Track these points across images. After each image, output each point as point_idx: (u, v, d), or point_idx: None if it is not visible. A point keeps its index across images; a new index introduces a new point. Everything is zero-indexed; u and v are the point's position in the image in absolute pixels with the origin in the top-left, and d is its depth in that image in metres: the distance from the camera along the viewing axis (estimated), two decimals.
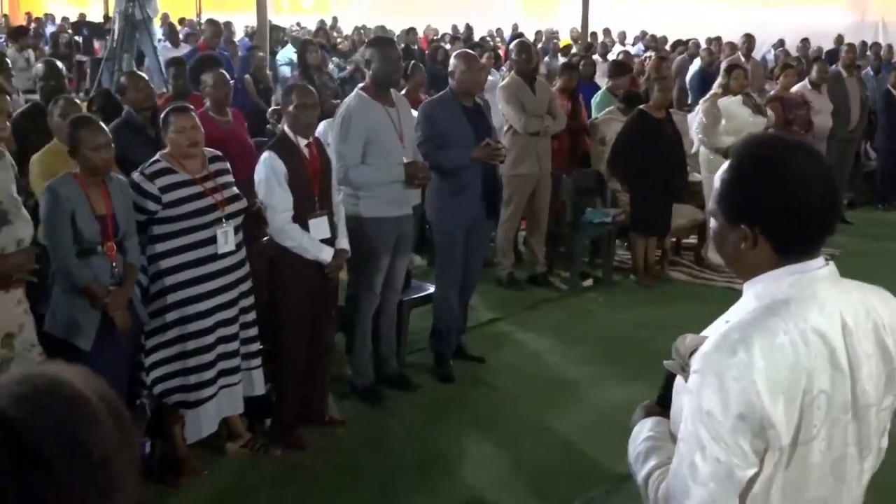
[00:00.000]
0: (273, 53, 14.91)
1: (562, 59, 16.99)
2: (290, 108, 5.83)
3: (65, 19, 22.76)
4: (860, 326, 2.23)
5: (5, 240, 4.52)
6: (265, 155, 5.79)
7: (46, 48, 14.79)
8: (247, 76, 12.28)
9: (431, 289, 7.38)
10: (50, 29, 19.97)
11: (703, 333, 2.30)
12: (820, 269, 2.24)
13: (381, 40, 6.84)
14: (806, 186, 2.20)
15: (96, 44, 17.83)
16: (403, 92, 8.05)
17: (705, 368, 2.15)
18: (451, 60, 7.35)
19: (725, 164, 2.33)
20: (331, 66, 14.52)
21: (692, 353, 2.24)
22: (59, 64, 7.48)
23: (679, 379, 2.32)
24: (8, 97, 4.75)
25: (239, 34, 20.44)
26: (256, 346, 5.80)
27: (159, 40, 14.15)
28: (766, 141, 2.40)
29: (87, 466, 1.23)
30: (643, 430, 2.48)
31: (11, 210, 4.58)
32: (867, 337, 2.24)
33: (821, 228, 2.25)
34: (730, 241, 2.29)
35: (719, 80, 10.56)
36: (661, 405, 2.52)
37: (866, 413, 2.24)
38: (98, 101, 7.29)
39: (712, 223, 2.36)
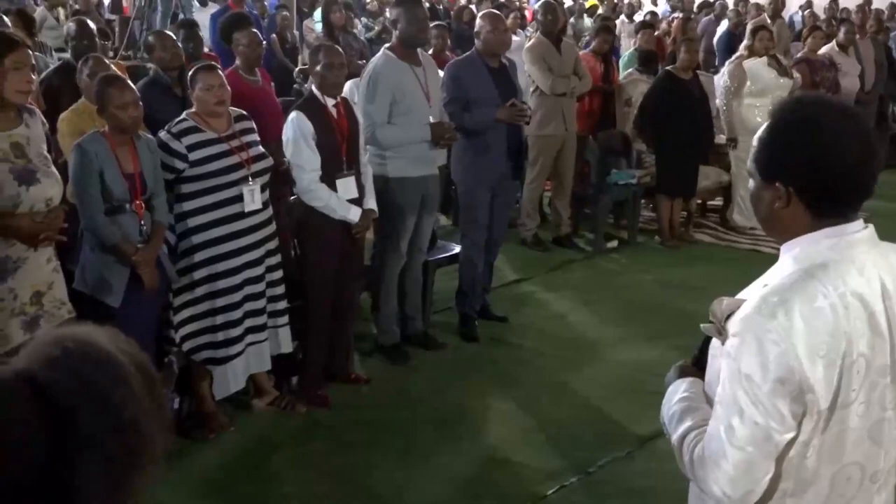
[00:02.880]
0: (302, 13, 14.86)
1: (588, 20, 16.92)
2: (318, 67, 5.84)
3: None
4: None
5: (34, 198, 4.55)
6: (293, 115, 5.81)
7: (76, 6, 14.76)
8: (272, 36, 12.27)
9: (457, 249, 7.41)
10: None
11: (740, 296, 2.29)
12: (858, 233, 2.23)
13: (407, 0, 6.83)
14: (841, 147, 2.18)
15: (125, 2, 17.82)
16: (429, 52, 8.04)
17: (745, 331, 2.15)
18: (477, 21, 7.35)
19: (765, 124, 2.32)
20: (359, 26, 14.48)
21: (728, 316, 2.23)
22: (91, 23, 7.48)
23: (715, 342, 2.32)
24: (30, 51, 4.75)
25: None
26: (283, 304, 5.85)
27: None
28: (805, 101, 2.39)
29: (118, 429, 1.23)
30: (678, 390, 2.46)
31: (41, 168, 4.61)
32: None
33: (856, 191, 2.23)
34: (765, 200, 2.28)
35: (745, 41, 10.50)
36: (697, 366, 2.51)
37: None
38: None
39: (750, 183, 2.35)
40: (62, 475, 1.17)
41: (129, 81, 5.27)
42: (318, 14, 13.80)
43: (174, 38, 6.98)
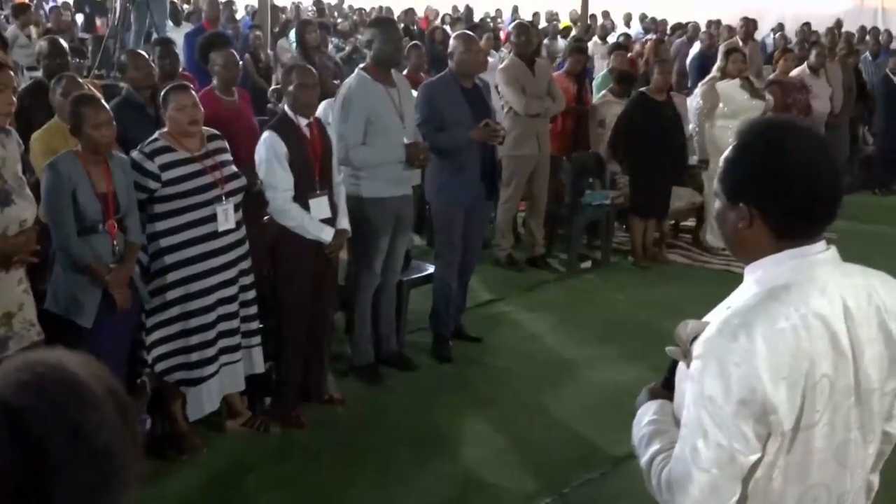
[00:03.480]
0: (276, 33, 14.84)
1: (561, 42, 16.98)
2: (291, 87, 5.84)
3: None
4: (862, 310, 2.23)
5: (8, 220, 4.52)
6: (266, 135, 5.80)
7: (48, 24, 14.71)
8: (246, 55, 12.25)
9: (431, 269, 7.40)
10: (50, 5, 19.83)
11: (705, 319, 2.30)
12: (821, 254, 2.24)
13: (382, 20, 6.86)
14: (806, 171, 2.19)
15: (98, 21, 17.77)
16: (404, 73, 8.05)
17: (707, 354, 2.16)
18: (451, 42, 7.36)
19: (732, 145, 2.33)
20: (330, 46, 14.47)
21: (694, 339, 2.24)
22: (63, 42, 7.46)
23: (682, 365, 2.33)
24: (11, 73, 4.74)
25: (241, 13, 20.38)
26: (256, 325, 5.82)
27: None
28: (772, 123, 2.41)
29: (89, 455, 1.22)
30: (647, 412, 2.47)
31: (15, 190, 4.58)
32: (869, 321, 2.24)
33: (819, 214, 2.24)
34: (729, 221, 2.29)
35: (718, 63, 10.58)
36: (667, 388, 2.52)
37: (869, 397, 2.24)
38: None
39: (715, 203, 2.36)
40: (35, 502, 1.16)
41: (103, 101, 5.25)
42: (293, 34, 13.79)
43: (147, 57, 6.96)
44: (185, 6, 18.93)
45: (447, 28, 17.13)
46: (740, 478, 2.17)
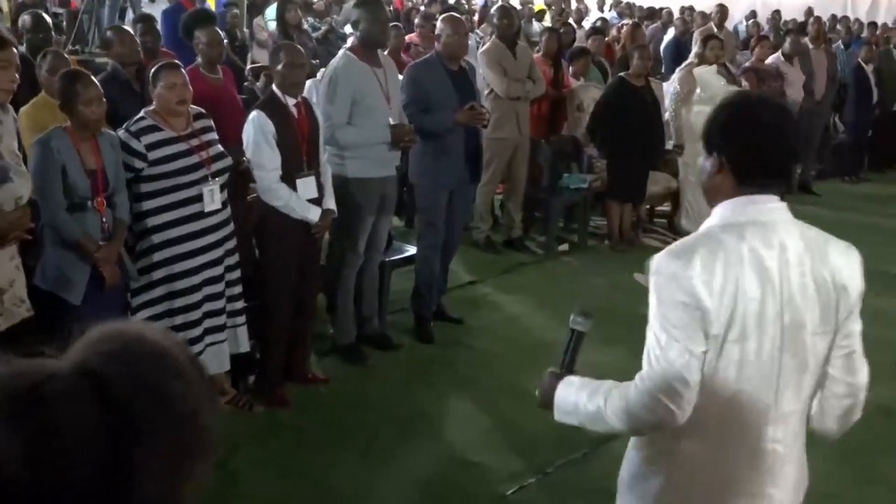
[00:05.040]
0: (253, 11, 14.73)
1: (536, 25, 17.00)
2: (279, 66, 5.82)
3: None
4: (799, 256, 2.60)
5: (4, 197, 4.51)
6: (253, 114, 5.79)
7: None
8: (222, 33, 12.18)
9: (413, 250, 7.43)
10: None
11: None
12: (772, 203, 2.65)
13: (369, 0, 6.84)
14: (766, 130, 2.62)
15: None
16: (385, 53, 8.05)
17: (656, 269, 2.60)
18: (438, 24, 7.37)
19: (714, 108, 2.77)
20: (305, 25, 14.41)
21: None
22: (47, 16, 7.41)
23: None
24: (14, 50, 4.72)
25: None
26: (241, 304, 5.82)
27: None
28: (748, 93, 2.99)
29: (175, 422, 1.24)
30: (571, 389, 2.91)
31: (12, 167, 4.57)
32: (803, 266, 2.60)
33: (774, 168, 2.66)
34: (706, 170, 2.71)
35: (695, 49, 10.64)
36: (569, 371, 2.99)
37: (799, 331, 2.60)
38: None
39: (700, 159, 2.78)
40: (121, 472, 1.17)
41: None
42: (269, 12, 13.73)
43: (132, 33, 6.92)
44: None
45: (422, 9, 17.04)
46: (699, 367, 2.56)
